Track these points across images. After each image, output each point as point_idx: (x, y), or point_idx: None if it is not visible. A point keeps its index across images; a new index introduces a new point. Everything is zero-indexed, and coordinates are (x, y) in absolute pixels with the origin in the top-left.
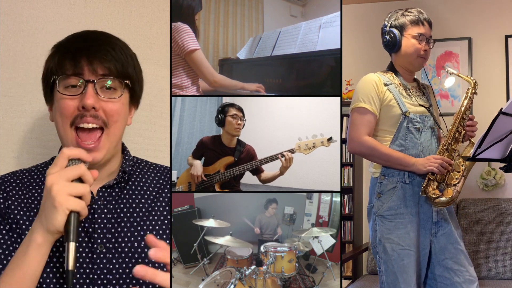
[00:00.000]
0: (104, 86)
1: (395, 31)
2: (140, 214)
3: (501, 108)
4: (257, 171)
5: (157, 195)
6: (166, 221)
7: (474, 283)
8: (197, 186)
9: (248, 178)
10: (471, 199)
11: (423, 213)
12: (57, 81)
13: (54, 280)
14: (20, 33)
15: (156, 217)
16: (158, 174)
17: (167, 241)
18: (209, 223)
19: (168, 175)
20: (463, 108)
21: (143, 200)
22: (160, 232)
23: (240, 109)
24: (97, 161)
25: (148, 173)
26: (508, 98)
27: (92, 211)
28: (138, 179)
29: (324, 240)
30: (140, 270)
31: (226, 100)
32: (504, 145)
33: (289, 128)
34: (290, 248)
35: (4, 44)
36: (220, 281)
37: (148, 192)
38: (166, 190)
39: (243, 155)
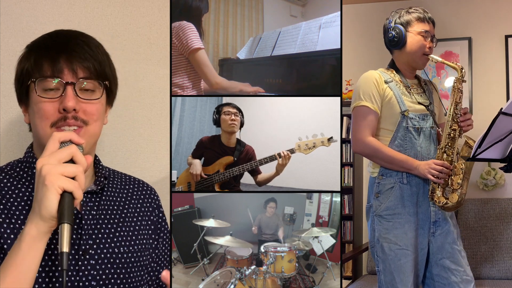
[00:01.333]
0: (84, 88)
1: (401, 27)
2: (116, 220)
3: (501, 108)
4: (254, 172)
5: (127, 202)
6: (138, 224)
7: (471, 283)
8: (196, 186)
9: (248, 178)
10: (471, 199)
11: (421, 213)
12: (35, 83)
13: (47, 279)
14: (20, 33)
15: (129, 224)
16: (124, 182)
17: (139, 253)
18: (209, 223)
19: (133, 184)
20: (452, 104)
21: (115, 207)
22: (133, 237)
23: (234, 107)
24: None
25: (116, 181)
26: (508, 98)
27: (76, 219)
28: (110, 186)
29: (324, 240)
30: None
31: (225, 100)
32: (504, 145)
33: (289, 128)
34: (290, 248)
35: (4, 44)
36: (220, 281)
37: (119, 199)
38: (134, 197)
39: (243, 155)
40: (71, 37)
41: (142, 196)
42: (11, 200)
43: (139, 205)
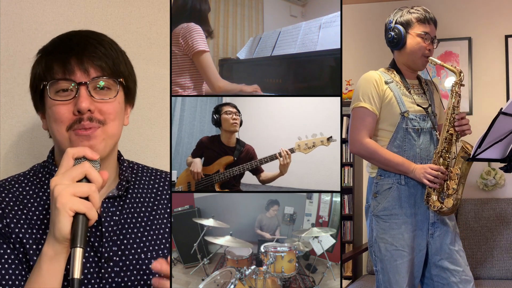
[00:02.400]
0: (97, 87)
1: (400, 27)
2: (143, 224)
3: (501, 108)
4: (256, 171)
5: (156, 202)
6: (168, 225)
7: (470, 283)
8: (197, 186)
9: (248, 178)
10: (471, 199)
11: (420, 214)
12: (47, 87)
13: None
14: (20, 33)
15: (158, 224)
16: (154, 179)
17: (167, 245)
18: (209, 223)
19: (165, 179)
20: (450, 109)
21: (143, 209)
22: (166, 236)
23: (234, 106)
24: (96, 150)
25: (144, 179)
26: (508, 98)
27: (95, 224)
28: (136, 186)
29: (324, 240)
30: (157, 265)
31: (224, 100)
32: (504, 145)
33: (289, 128)
34: (290, 248)
35: (4, 44)
36: (220, 281)
37: (147, 200)
38: (165, 194)
39: (243, 154)
40: (81, 37)
41: (160, 191)
42: (33, 209)
43: (166, 201)
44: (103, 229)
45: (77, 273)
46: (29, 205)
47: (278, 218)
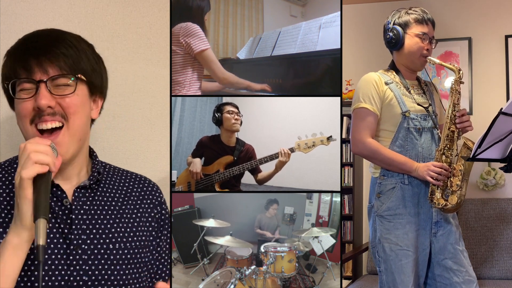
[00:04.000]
0: (57, 84)
1: (399, 28)
2: (113, 216)
3: (501, 108)
4: (254, 171)
5: (126, 198)
6: (137, 220)
7: (473, 283)
8: (196, 185)
9: (248, 178)
10: (471, 199)
11: (423, 213)
12: (10, 86)
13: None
14: (20, 33)
15: (126, 220)
16: (124, 179)
17: (132, 250)
18: (209, 223)
19: (133, 180)
20: (450, 106)
21: (113, 203)
22: (131, 234)
23: (234, 106)
24: (61, 149)
25: (115, 177)
26: (508, 98)
27: (67, 211)
28: (107, 182)
29: (324, 240)
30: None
31: (225, 100)
32: (504, 145)
33: (289, 128)
34: (290, 248)
35: (4, 44)
36: (220, 281)
37: (117, 195)
38: (133, 194)
39: (243, 154)
40: (42, 37)
41: (142, 192)
42: (0, 198)
43: (138, 201)
44: (73, 217)
45: (41, 240)
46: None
47: (277, 217)
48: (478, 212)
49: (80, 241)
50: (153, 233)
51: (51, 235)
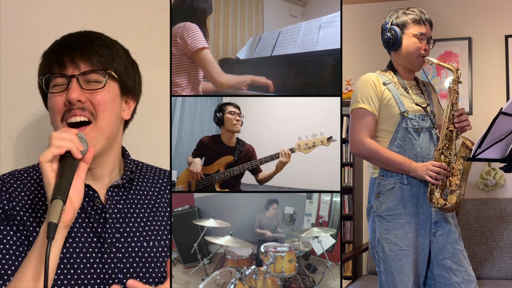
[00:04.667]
0: (89, 80)
1: (396, 28)
2: (146, 214)
3: (501, 108)
4: (255, 171)
5: (159, 196)
6: (168, 222)
7: (472, 283)
8: (197, 185)
9: (248, 178)
10: (471, 199)
11: (422, 213)
12: (43, 82)
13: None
14: (20, 33)
15: (160, 218)
16: (157, 176)
17: (166, 248)
18: (209, 223)
19: (166, 178)
20: (448, 106)
21: (146, 201)
22: (165, 232)
23: (236, 106)
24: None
25: (148, 175)
26: (508, 98)
27: (99, 211)
28: (140, 180)
29: (324, 240)
30: (131, 284)
31: (225, 100)
32: (504, 145)
33: (289, 128)
34: (290, 248)
35: (4, 44)
36: (220, 281)
37: (150, 193)
38: (167, 192)
39: (243, 154)
40: (75, 37)
41: (163, 188)
42: (39, 195)
43: (162, 200)
44: (107, 215)
45: (54, 218)
46: (36, 192)
47: (277, 217)
48: (478, 212)
49: (114, 240)
50: None
51: (85, 234)
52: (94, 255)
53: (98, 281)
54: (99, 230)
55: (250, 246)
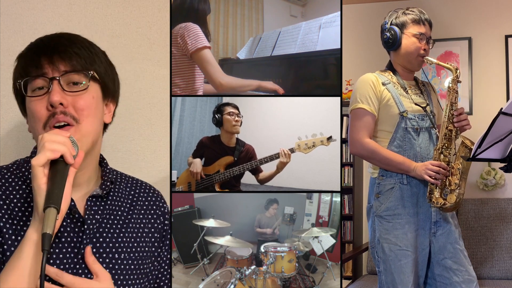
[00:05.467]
0: (70, 82)
1: (396, 28)
2: (119, 225)
3: (501, 108)
4: (255, 171)
5: (132, 207)
6: (140, 231)
7: (473, 283)
8: (197, 186)
9: (248, 178)
10: (471, 199)
11: (422, 213)
12: (22, 86)
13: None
14: (20, 33)
15: (133, 227)
16: (130, 186)
17: (141, 260)
18: (209, 223)
19: (142, 187)
20: (448, 106)
21: (120, 212)
22: (137, 240)
23: (235, 107)
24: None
25: (123, 184)
26: (508, 98)
27: (75, 220)
28: (116, 189)
29: (324, 240)
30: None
31: (223, 100)
32: (504, 145)
33: (289, 128)
34: (290, 248)
35: (4, 44)
36: (220, 281)
37: (124, 203)
38: (139, 203)
39: (243, 154)
40: (53, 38)
41: (147, 202)
42: (14, 200)
43: (142, 211)
44: (85, 227)
45: (49, 229)
46: (11, 196)
47: (277, 217)
48: (478, 212)
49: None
50: (155, 244)
51: (60, 245)
52: (67, 266)
53: None
54: (74, 240)
55: (250, 246)
